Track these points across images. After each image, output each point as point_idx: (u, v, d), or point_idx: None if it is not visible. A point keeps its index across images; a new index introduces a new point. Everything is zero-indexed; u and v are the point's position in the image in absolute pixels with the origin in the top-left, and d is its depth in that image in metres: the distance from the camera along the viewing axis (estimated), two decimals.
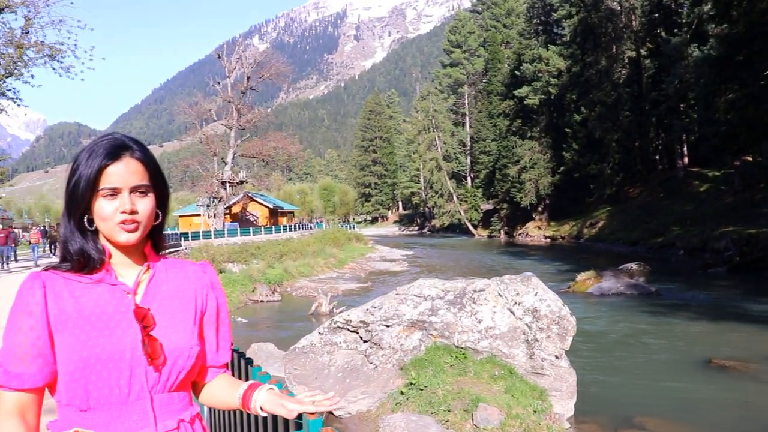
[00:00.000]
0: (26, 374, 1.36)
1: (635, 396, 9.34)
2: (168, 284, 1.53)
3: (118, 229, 1.41)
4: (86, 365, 1.33)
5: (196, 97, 50.00)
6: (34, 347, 1.36)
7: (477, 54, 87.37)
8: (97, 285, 1.43)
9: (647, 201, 47.26)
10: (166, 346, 1.41)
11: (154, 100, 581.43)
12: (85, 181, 1.39)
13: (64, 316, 1.37)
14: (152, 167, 1.48)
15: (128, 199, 1.40)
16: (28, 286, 1.39)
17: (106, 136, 1.46)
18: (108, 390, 1.35)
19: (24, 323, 1.37)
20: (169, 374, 1.42)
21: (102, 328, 1.37)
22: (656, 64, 47.42)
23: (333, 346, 9.07)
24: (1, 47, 25.48)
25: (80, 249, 1.43)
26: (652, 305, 17.90)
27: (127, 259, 1.49)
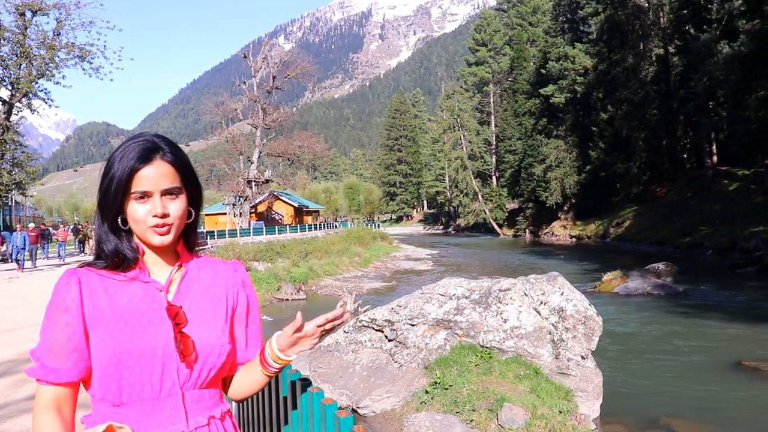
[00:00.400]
0: (62, 369, 1.38)
1: (662, 397, 9.24)
2: (200, 282, 1.55)
3: (151, 232, 1.43)
4: (119, 361, 1.35)
5: (222, 97, 50.47)
6: (70, 342, 1.38)
7: (502, 52, 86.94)
8: (131, 282, 1.46)
9: (675, 200, 46.67)
10: (197, 343, 1.43)
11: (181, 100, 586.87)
12: (117, 183, 1.40)
13: (99, 313, 1.39)
14: (183, 168, 1.49)
15: (159, 203, 1.42)
16: (64, 283, 1.41)
17: (138, 138, 1.46)
18: (140, 386, 1.37)
19: (60, 319, 1.39)
20: (200, 371, 1.44)
21: (135, 324, 1.39)
22: (684, 61, 46.74)
23: (358, 344, 9.11)
24: (34, 49, 25.94)
25: (115, 249, 1.46)
26: (680, 306, 17.69)
27: (160, 257, 1.51)
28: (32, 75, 25.78)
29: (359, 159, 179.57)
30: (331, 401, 1.85)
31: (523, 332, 8.44)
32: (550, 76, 61.61)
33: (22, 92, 25.89)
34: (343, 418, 1.77)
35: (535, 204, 66.93)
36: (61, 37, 26.63)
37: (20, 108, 26.74)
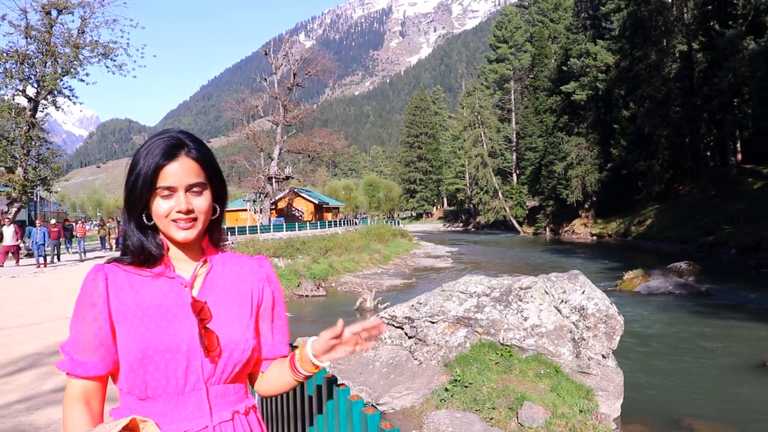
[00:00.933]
0: (90, 363, 1.41)
1: (684, 398, 9.18)
2: (225, 278, 1.56)
3: (175, 227, 1.45)
4: (144, 356, 1.37)
5: (243, 94, 50.67)
6: (97, 337, 1.41)
7: (523, 49, 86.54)
8: (156, 278, 1.47)
9: (697, 198, 46.15)
10: (222, 338, 1.43)
11: (202, 97, 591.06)
12: (143, 180, 1.41)
13: (125, 308, 1.41)
14: (208, 164, 1.50)
15: (183, 199, 1.43)
16: (91, 278, 1.44)
17: (163, 135, 1.47)
18: (165, 380, 1.39)
19: (87, 314, 1.42)
20: (225, 366, 1.45)
21: (160, 320, 1.41)
22: (709, 57, 46.15)
23: (378, 341, 9.14)
24: (59, 47, 26.26)
25: (140, 245, 1.47)
26: (702, 305, 17.53)
27: (185, 253, 1.53)
28: (57, 73, 26.09)
29: (379, 156, 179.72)
30: (358, 398, 1.85)
31: (543, 330, 8.43)
32: (572, 73, 61.21)
33: (47, 90, 26.22)
34: (370, 415, 1.78)
35: (555, 202, 66.59)
36: (85, 35, 26.93)
37: (45, 105, 27.07)
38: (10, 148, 26.15)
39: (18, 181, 25.77)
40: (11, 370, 6.87)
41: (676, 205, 47.68)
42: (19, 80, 25.94)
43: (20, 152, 26.30)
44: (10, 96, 26.53)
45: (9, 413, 5.31)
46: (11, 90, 26.26)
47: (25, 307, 11.50)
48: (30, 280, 16.63)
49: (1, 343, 8.25)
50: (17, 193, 26.06)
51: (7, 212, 26.19)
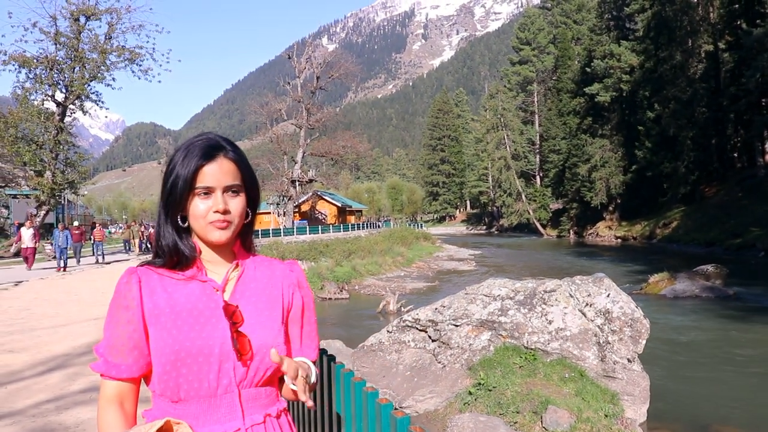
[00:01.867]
0: (124, 365, 1.42)
1: (712, 403, 9.05)
2: (256, 282, 1.56)
3: (211, 228, 1.45)
4: (177, 358, 1.38)
5: (266, 98, 51.01)
6: (131, 339, 1.42)
7: (546, 51, 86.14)
8: (189, 281, 1.48)
9: (724, 200, 45.56)
10: (253, 342, 1.44)
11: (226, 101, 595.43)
12: (183, 180, 1.43)
13: (158, 311, 1.42)
14: (244, 167, 1.52)
15: (221, 199, 1.45)
16: (125, 281, 1.45)
17: (201, 137, 1.50)
18: (198, 383, 1.40)
19: (121, 316, 1.43)
20: (257, 370, 1.45)
21: (193, 323, 1.41)
22: (735, 57, 45.55)
23: (401, 344, 9.15)
24: (87, 53, 26.67)
25: (174, 245, 1.48)
26: (730, 309, 17.30)
27: (217, 256, 1.53)
28: (85, 78, 26.51)
29: (402, 159, 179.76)
30: (387, 401, 1.86)
31: (568, 334, 8.38)
32: (595, 74, 60.78)
33: (75, 95, 26.64)
34: (399, 418, 1.77)
35: (579, 204, 66.13)
36: (112, 40, 27.35)
37: (73, 110, 27.51)
38: (39, 152, 26.59)
39: (46, 185, 26.18)
40: (41, 370, 6.99)
41: (703, 207, 47.11)
42: (49, 85, 26.41)
43: (49, 156, 26.73)
44: (39, 101, 27.00)
45: (39, 413, 5.40)
46: (41, 95, 26.73)
47: (54, 309, 11.68)
48: (57, 282, 16.89)
49: (30, 344, 8.39)
50: (46, 196, 26.47)
51: (36, 215, 26.62)
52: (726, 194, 46.92)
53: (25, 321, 10.29)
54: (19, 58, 25.76)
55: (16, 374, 6.79)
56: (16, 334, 9.12)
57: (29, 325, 9.91)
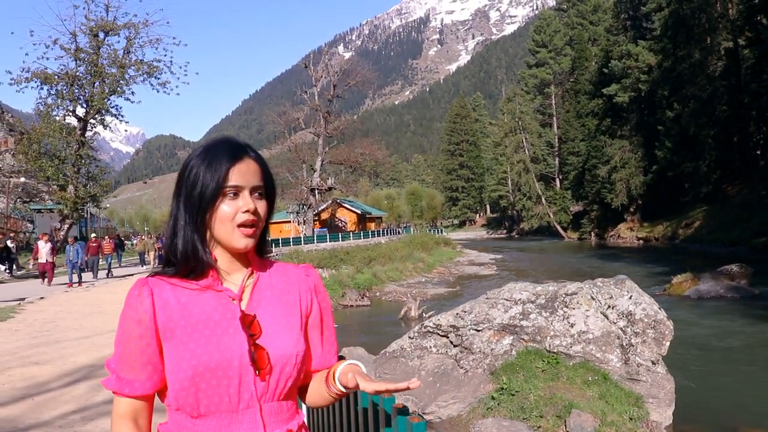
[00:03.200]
0: (137, 381, 1.38)
1: (739, 406, 8.93)
2: (272, 289, 1.50)
3: (239, 233, 1.40)
4: (195, 373, 1.32)
5: (284, 107, 51.32)
6: (144, 355, 1.37)
7: (563, 53, 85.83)
8: (204, 291, 1.41)
9: (748, 199, 44.99)
10: (272, 353, 1.38)
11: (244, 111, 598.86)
12: (215, 182, 1.37)
13: (172, 324, 1.36)
14: (266, 169, 1.48)
15: (250, 199, 1.40)
16: (136, 294, 1.38)
17: (222, 139, 1.47)
18: (218, 398, 1.34)
19: (133, 331, 1.37)
20: (278, 382, 1.40)
21: (209, 335, 1.35)
22: (756, 53, 45.03)
23: (423, 350, 9.14)
24: (106, 68, 27.04)
25: (194, 252, 1.40)
26: (756, 309, 17.07)
27: (232, 264, 1.46)
28: (105, 92, 26.87)
29: (421, 165, 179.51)
30: (402, 406, 1.86)
31: (590, 337, 8.32)
32: (613, 75, 60.44)
33: (95, 109, 27.01)
34: (415, 424, 1.77)
35: (600, 206, 65.68)
36: (130, 54, 27.70)
37: (94, 124, 27.88)
38: (62, 166, 26.95)
39: (69, 199, 26.52)
40: (67, 381, 7.09)
41: (725, 207, 46.58)
42: (70, 101, 26.79)
43: (71, 170, 27.08)
44: (61, 116, 27.37)
45: (66, 423, 5.48)
46: (62, 111, 27.11)
47: (78, 321, 11.82)
48: (81, 294, 17.08)
49: (56, 356, 8.50)
50: (69, 210, 26.81)
51: (60, 228, 26.95)
52: (749, 192, 46.34)
53: (50, 333, 10.42)
54: (41, 75, 26.18)
55: (43, 386, 6.88)
56: (42, 346, 9.24)
57: (54, 337, 10.03)
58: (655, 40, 56.06)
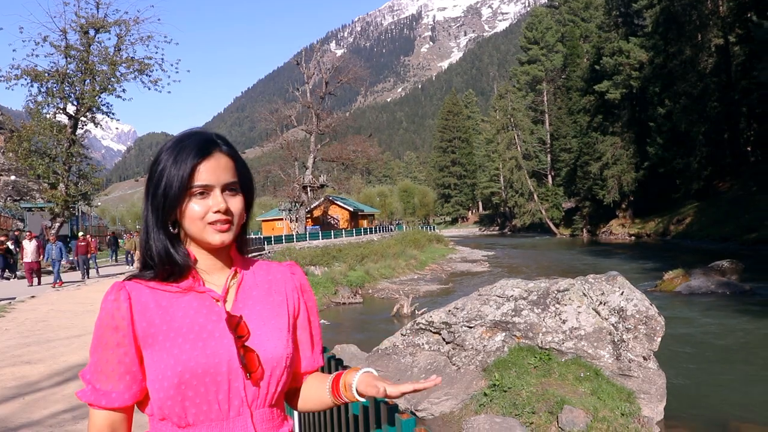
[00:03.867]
0: (114, 392, 1.29)
1: (730, 401, 8.97)
2: (257, 289, 1.43)
3: (211, 230, 1.31)
4: (181, 381, 1.24)
5: (276, 104, 51.16)
6: (121, 364, 1.28)
7: (555, 50, 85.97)
8: (185, 294, 1.34)
9: (738, 195, 45.22)
10: (262, 356, 1.31)
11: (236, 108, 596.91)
12: (178, 180, 1.28)
13: (153, 330, 1.28)
14: (240, 163, 1.39)
15: (221, 198, 1.31)
16: (112, 299, 1.30)
17: (191, 133, 1.37)
18: (207, 406, 1.27)
19: (110, 338, 1.28)
20: (268, 386, 1.33)
21: (194, 340, 1.27)
22: (746, 50, 45.25)
23: (415, 347, 9.15)
24: (97, 65, 26.88)
25: (166, 253, 1.32)
26: (747, 304, 17.16)
27: (213, 263, 1.39)
28: (95, 90, 26.67)
29: (413, 162, 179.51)
30: (393, 403, 1.86)
31: (582, 333, 8.35)
32: (605, 71, 60.59)
33: (86, 107, 26.82)
34: (404, 420, 1.77)
35: (591, 203, 65.91)
36: (121, 52, 27.50)
37: (85, 122, 27.69)
38: (53, 164, 26.76)
39: (60, 197, 26.35)
40: (58, 380, 7.06)
41: (716, 203, 46.82)
42: (60, 99, 26.58)
43: (62, 168, 26.90)
44: (51, 114, 27.18)
45: (56, 422, 5.46)
46: (53, 108, 26.92)
47: (69, 320, 11.76)
48: (72, 293, 16.99)
49: (47, 355, 8.46)
50: (60, 208, 26.64)
51: (51, 227, 26.81)
52: (740, 189, 46.58)
53: (41, 332, 10.38)
54: (31, 72, 25.97)
55: (34, 385, 6.85)
56: (33, 345, 9.20)
57: (45, 336, 9.99)
58: (647, 36, 56.22)
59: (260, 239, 33.81)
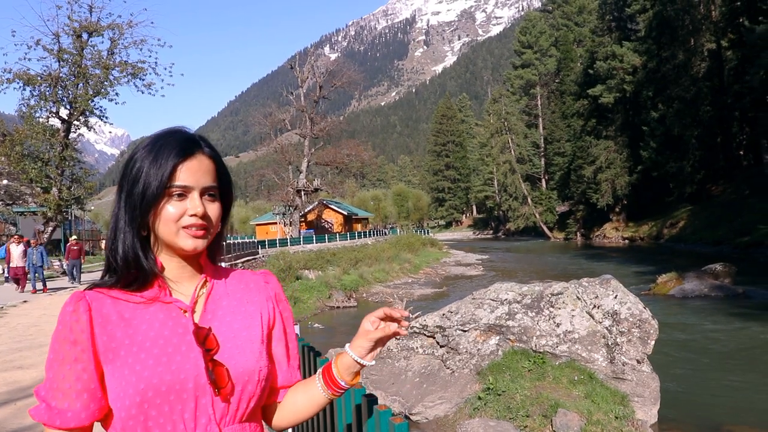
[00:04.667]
0: (70, 411, 1.19)
1: (724, 404, 8.98)
2: (228, 299, 1.34)
3: (184, 235, 1.23)
4: (144, 399, 1.15)
5: (270, 108, 51.24)
6: (79, 381, 1.19)
7: (549, 54, 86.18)
8: (150, 304, 1.25)
9: (731, 199, 45.42)
10: (232, 370, 1.23)
11: (230, 112, 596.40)
12: (158, 179, 1.21)
13: (115, 344, 1.19)
14: (221, 167, 1.32)
15: (199, 201, 1.23)
16: (71, 310, 1.21)
17: (172, 130, 1.30)
18: (171, 426, 1.18)
19: (68, 353, 1.19)
20: (239, 403, 1.24)
21: (159, 354, 1.19)
22: (739, 55, 45.48)
23: (410, 351, 9.14)
24: (90, 69, 26.82)
25: (134, 255, 1.24)
26: (740, 307, 17.20)
27: (182, 272, 1.31)
28: (89, 94, 26.61)
29: (407, 166, 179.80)
30: (385, 407, 1.85)
31: (576, 336, 8.35)
32: (598, 76, 60.78)
33: (79, 111, 26.75)
34: (397, 425, 1.75)
35: (585, 206, 66.08)
36: (114, 55, 27.46)
37: (78, 126, 27.62)
38: (45, 168, 26.68)
39: (53, 201, 26.25)
40: None
41: (710, 206, 46.99)
42: (53, 102, 26.51)
43: (55, 172, 26.81)
44: (44, 118, 27.11)
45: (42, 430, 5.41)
46: (45, 112, 26.84)
47: None
48: (65, 298, 16.86)
49: (39, 360, 8.41)
50: (52, 212, 26.55)
51: (44, 231, 26.71)
52: (733, 192, 46.78)
53: (34, 337, 10.32)
54: (23, 76, 25.89)
55: (26, 390, 6.80)
56: (25, 350, 9.15)
57: (38, 341, 9.93)
58: (640, 41, 56.42)
59: (254, 243, 33.76)
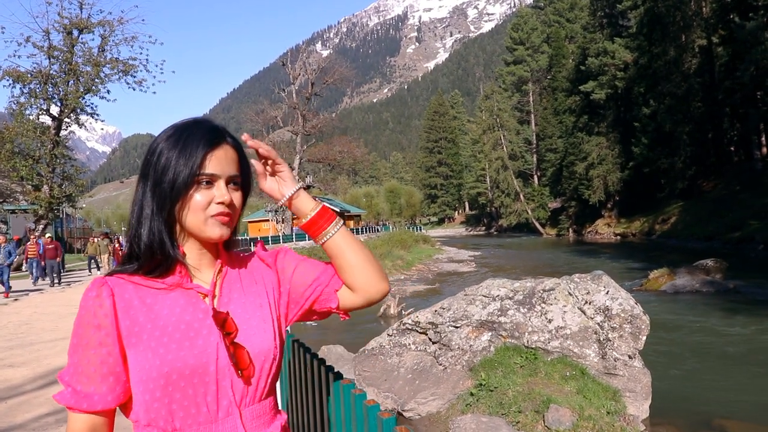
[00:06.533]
0: (96, 395, 1.21)
1: (715, 398, 9.02)
2: (240, 281, 1.38)
3: (213, 222, 1.27)
4: (168, 382, 1.19)
5: (262, 105, 51.12)
6: (104, 365, 1.21)
7: (540, 50, 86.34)
8: (171, 290, 1.28)
9: (722, 194, 45.60)
10: (251, 351, 1.27)
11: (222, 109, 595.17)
12: (189, 169, 1.24)
13: (138, 328, 1.21)
14: (243, 157, 1.36)
15: (225, 189, 1.27)
16: (94, 295, 1.22)
17: (198, 121, 1.34)
18: (195, 408, 1.21)
19: (92, 338, 1.21)
20: (258, 383, 1.28)
21: (181, 338, 1.22)
22: (729, 51, 45.62)
23: (402, 347, 9.14)
24: (81, 66, 26.71)
25: (161, 243, 1.26)
26: (731, 302, 17.28)
27: (201, 258, 1.34)
28: (79, 91, 26.53)
29: (399, 162, 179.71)
30: (374, 403, 1.86)
31: (568, 332, 8.37)
32: (590, 72, 60.93)
33: (70, 108, 26.66)
34: (385, 419, 1.76)
35: (577, 202, 66.26)
36: (105, 52, 27.38)
37: (69, 123, 27.52)
38: (36, 166, 26.59)
39: (44, 199, 26.16)
40: (41, 383, 6.99)
41: (701, 202, 47.18)
42: (43, 100, 26.41)
43: (46, 170, 26.72)
44: (34, 115, 26.99)
45: (39, 426, 5.40)
46: (36, 110, 26.73)
47: (53, 322, 11.67)
48: (57, 296, 16.85)
49: (31, 358, 8.39)
50: (44, 210, 26.45)
51: (35, 229, 26.59)
52: (724, 188, 46.98)
53: (25, 335, 10.28)
54: (13, 73, 25.77)
55: (17, 389, 6.78)
56: (16, 348, 9.11)
57: (29, 339, 9.90)
58: (631, 37, 56.56)
59: (246, 240, 33.71)
